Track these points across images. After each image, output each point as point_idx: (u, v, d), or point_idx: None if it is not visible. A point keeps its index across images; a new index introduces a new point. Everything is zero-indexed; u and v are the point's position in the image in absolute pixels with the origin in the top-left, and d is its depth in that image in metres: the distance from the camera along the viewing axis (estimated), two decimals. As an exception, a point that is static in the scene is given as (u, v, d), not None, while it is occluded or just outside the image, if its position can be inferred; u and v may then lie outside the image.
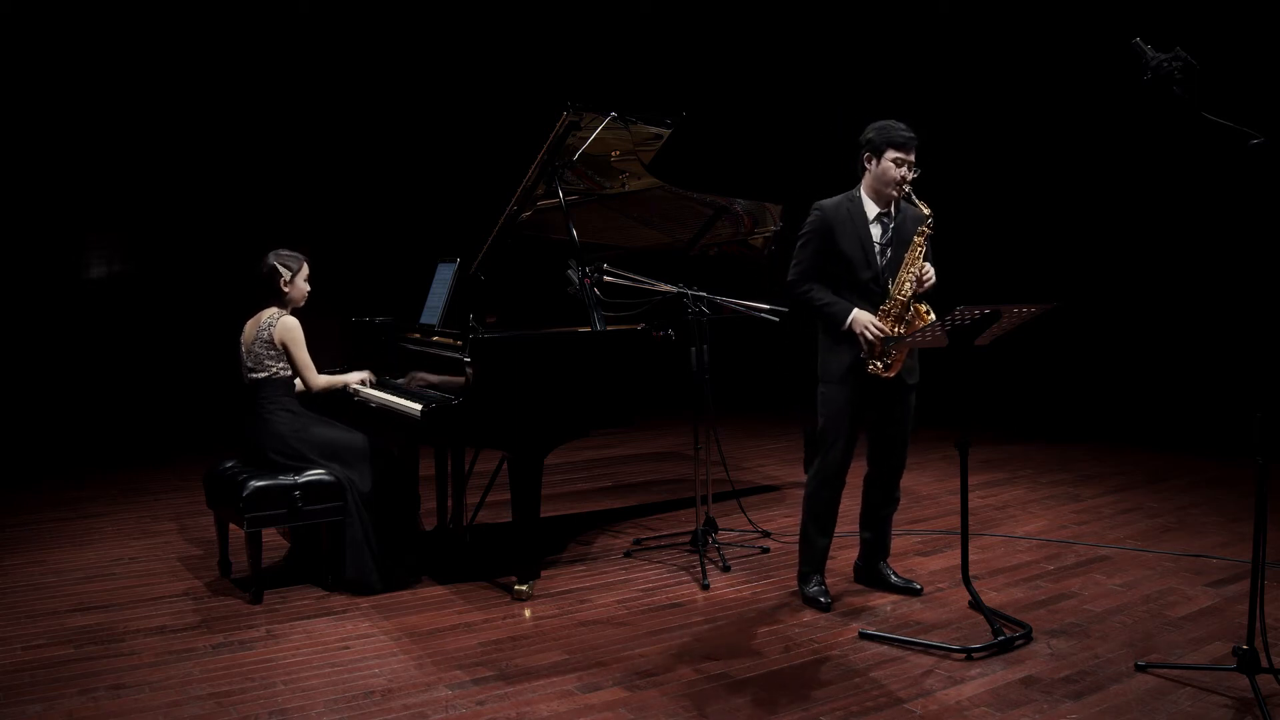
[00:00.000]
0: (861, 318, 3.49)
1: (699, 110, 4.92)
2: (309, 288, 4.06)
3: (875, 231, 3.58)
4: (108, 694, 2.95)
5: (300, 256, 4.03)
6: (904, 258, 3.52)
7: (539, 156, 4.07)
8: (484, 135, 8.17)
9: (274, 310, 3.96)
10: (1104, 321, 7.61)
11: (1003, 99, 7.93)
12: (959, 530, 3.45)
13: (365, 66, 8.13)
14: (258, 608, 3.67)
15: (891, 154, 3.50)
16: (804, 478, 5.40)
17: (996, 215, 8.11)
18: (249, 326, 3.97)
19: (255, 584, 3.73)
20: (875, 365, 3.51)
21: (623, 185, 4.49)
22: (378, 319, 4.63)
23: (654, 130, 4.20)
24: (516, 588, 3.79)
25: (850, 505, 3.98)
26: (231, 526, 3.96)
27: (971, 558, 3.63)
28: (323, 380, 4.02)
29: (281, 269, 3.96)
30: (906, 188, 3.50)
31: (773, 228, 4.94)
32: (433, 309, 4.25)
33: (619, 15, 8.63)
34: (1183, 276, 7.14)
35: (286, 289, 3.98)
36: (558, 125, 3.94)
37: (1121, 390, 7.60)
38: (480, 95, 8.44)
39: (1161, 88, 2.81)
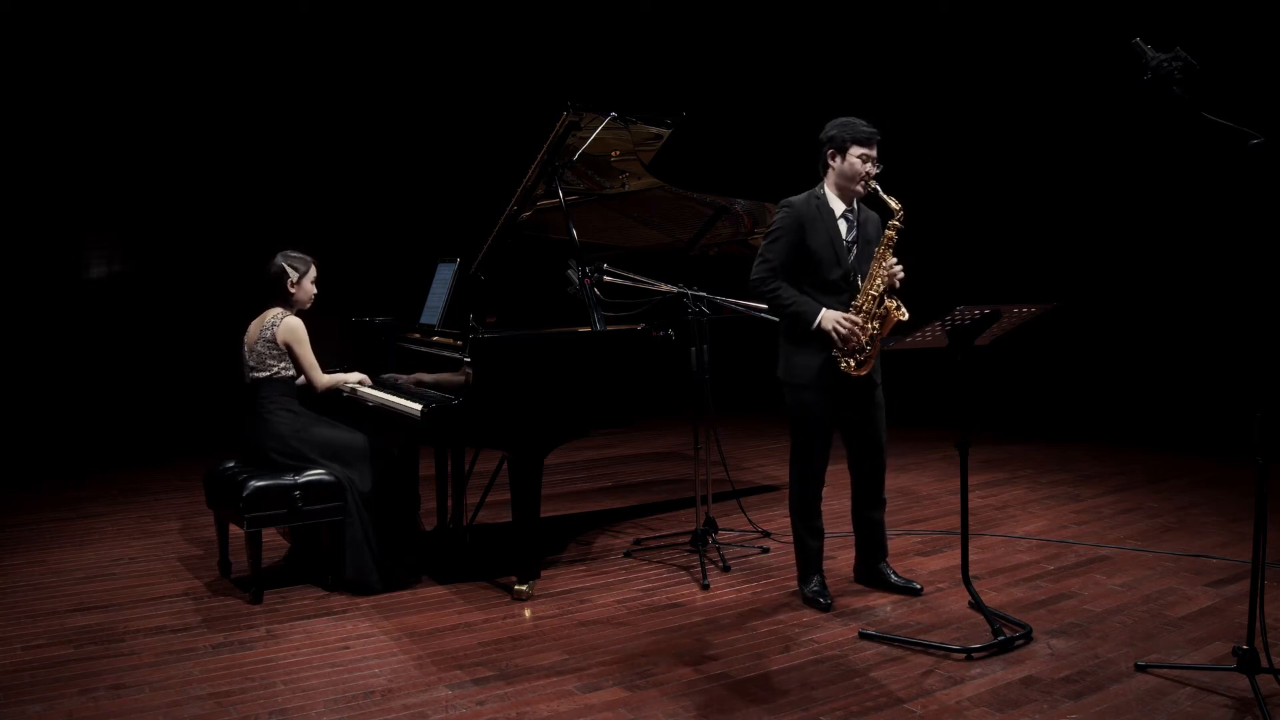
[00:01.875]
0: (831, 314, 3.49)
1: (699, 110, 4.92)
2: (315, 291, 4.06)
3: (843, 228, 3.59)
4: (108, 694, 2.95)
5: (309, 259, 4.04)
6: (871, 254, 3.53)
7: (539, 156, 4.07)
8: (484, 135, 8.18)
9: (278, 310, 3.96)
10: (1104, 321, 7.60)
11: (1003, 99, 7.93)
12: (959, 530, 3.45)
13: (365, 66, 8.13)
14: (258, 608, 3.67)
15: (856, 150, 3.51)
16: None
17: (997, 215, 8.11)
18: (253, 326, 3.97)
19: (255, 584, 3.73)
20: (848, 363, 3.50)
21: (623, 185, 4.49)
22: (378, 319, 4.63)
23: (654, 130, 4.20)
24: (516, 588, 3.79)
25: (848, 505, 3.98)
26: (231, 526, 3.96)
27: (971, 558, 3.63)
28: (328, 380, 4.03)
29: (289, 270, 3.97)
30: (873, 184, 3.51)
31: (773, 227, 4.94)
32: (433, 309, 4.25)
33: (619, 15, 8.64)
34: (1183, 276, 7.14)
35: (293, 290, 3.98)
36: (558, 125, 3.94)
37: (1121, 390, 7.60)
38: (480, 95, 8.45)
39: (1161, 88, 2.81)
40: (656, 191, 4.52)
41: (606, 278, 4.07)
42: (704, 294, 4.13)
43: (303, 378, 4.00)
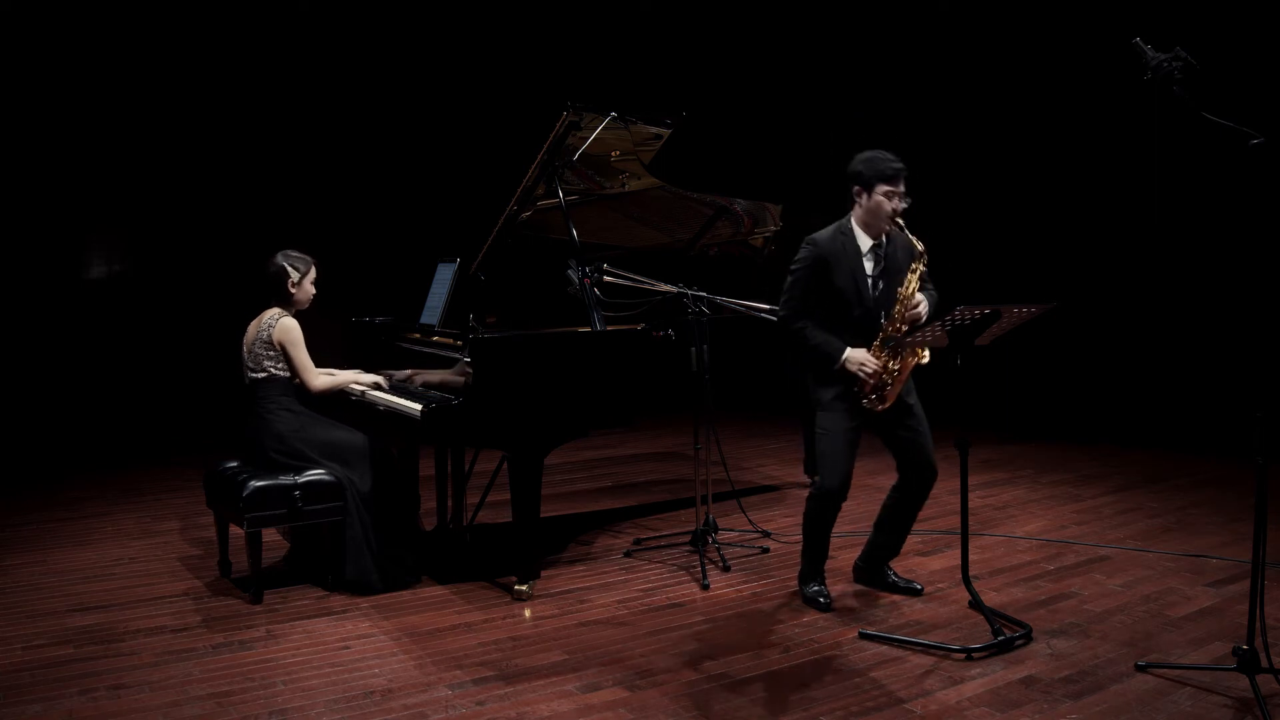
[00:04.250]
0: (855, 357, 3.48)
1: (699, 110, 4.92)
2: (314, 291, 4.06)
3: (868, 265, 3.55)
4: (108, 694, 2.95)
5: (309, 259, 4.05)
6: (896, 292, 3.49)
7: (539, 156, 4.07)
8: (484, 135, 8.18)
9: (276, 311, 3.97)
10: (1104, 321, 7.60)
11: (1003, 98, 7.92)
12: (959, 530, 3.45)
13: (365, 66, 8.13)
14: (258, 608, 3.67)
15: (883, 188, 3.46)
16: (804, 478, 5.43)
17: (996, 215, 8.11)
18: (251, 327, 3.97)
19: (255, 584, 3.73)
20: (869, 399, 3.51)
21: (623, 185, 4.50)
22: (378, 319, 4.63)
23: (654, 130, 4.20)
24: (516, 588, 3.79)
25: (849, 506, 3.97)
26: (231, 526, 3.96)
27: (971, 558, 3.63)
28: (322, 381, 4.01)
29: (290, 269, 3.97)
30: (899, 221, 3.47)
31: (773, 228, 4.95)
32: (433, 309, 4.25)
33: (619, 15, 8.63)
34: (1183, 276, 7.14)
35: (293, 290, 3.99)
36: (558, 125, 3.94)
37: (1121, 390, 7.60)
38: (480, 95, 8.45)
39: (1161, 88, 2.81)
40: (656, 191, 4.52)
41: (606, 278, 4.07)
42: (704, 294, 4.13)
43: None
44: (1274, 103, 5.86)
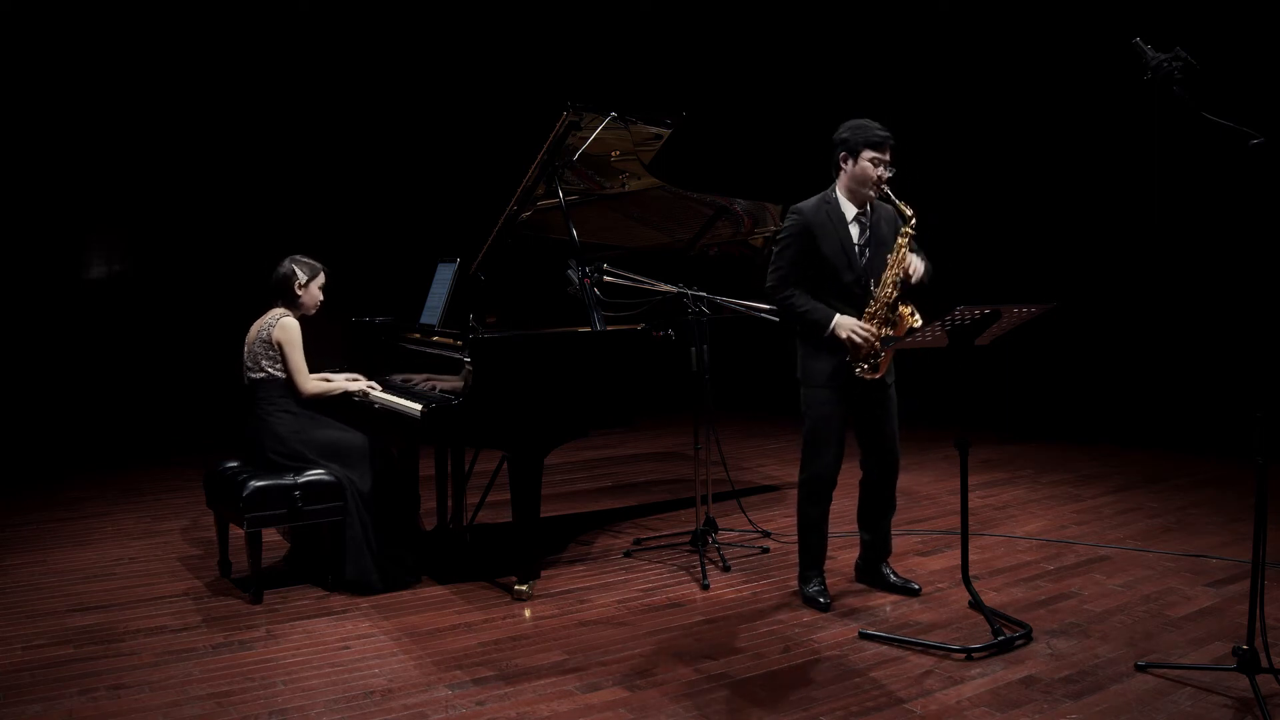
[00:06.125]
0: (845, 322, 3.48)
1: (699, 110, 4.92)
2: (322, 297, 4.07)
3: (854, 233, 3.56)
4: (108, 694, 2.95)
5: (318, 266, 4.06)
6: (885, 259, 3.50)
7: (539, 156, 4.07)
8: (484, 135, 8.18)
9: (279, 311, 3.97)
10: (1104, 321, 7.60)
11: (1003, 98, 7.92)
12: (959, 530, 3.45)
13: (365, 66, 8.13)
14: (258, 608, 3.68)
15: (869, 154, 3.48)
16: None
17: (996, 215, 8.11)
18: (254, 327, 3.98)
19: (255, 584, 3.74)
20: (862, 367, 3.50)
21: (623, 185, 4.49)
22: (378, 319, 4.63)
23: (654, 130, 4.20)
24: (516, 588, 3.79)
25: (849, 505, 3.98)
26: (231, 526, 3.96)
27: (971, 558, 3.63)
28: (314, 386, 3.99)
29: (296, 271, 3.98)
30: (885, 188, 3.49)
31: (772, 227, 4.94)
32: (433, 309, 4.25)
33: (619, 15, 8.64)
34: (1183, 276, 7.14)
35: (299, 292, 4.00)
36: (558, 125, 3.94)
37: (1121, 390, 7.60)
38: (480, 95, 8.45)
39: (1162, 88, 2.81)
40: (656, 191, 4.52)
41: (606, 278, 4.07)
42: (704, 294, 4.13)
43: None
44: (1274, 103, 5.86)
